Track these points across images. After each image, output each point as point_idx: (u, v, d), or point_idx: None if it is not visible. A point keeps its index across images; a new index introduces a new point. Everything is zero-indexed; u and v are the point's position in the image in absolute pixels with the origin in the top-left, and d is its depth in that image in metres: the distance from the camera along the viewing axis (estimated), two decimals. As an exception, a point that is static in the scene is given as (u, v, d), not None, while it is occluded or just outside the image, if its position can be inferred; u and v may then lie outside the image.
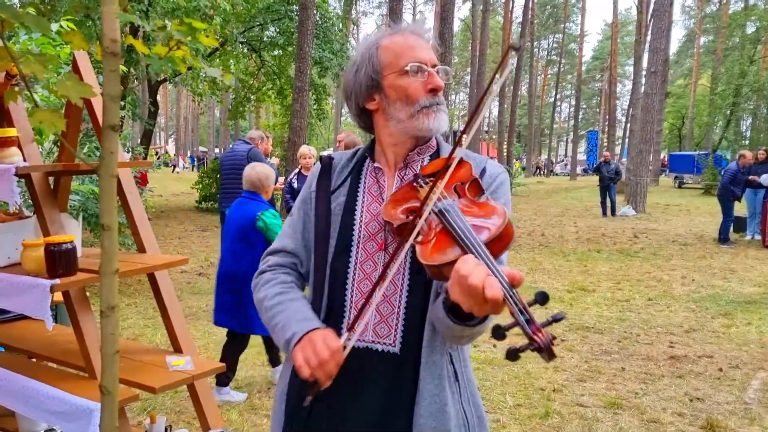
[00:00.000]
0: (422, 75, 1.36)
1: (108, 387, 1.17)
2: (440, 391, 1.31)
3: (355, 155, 1.50)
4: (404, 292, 1.33)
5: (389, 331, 1.33)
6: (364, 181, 1.44)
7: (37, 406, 1.99)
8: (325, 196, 1.44)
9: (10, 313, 2.87)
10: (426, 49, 1.39)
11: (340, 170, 1.48)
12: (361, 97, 1.42)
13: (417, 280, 1.33)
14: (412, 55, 1.36)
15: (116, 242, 1.17)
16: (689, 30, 50.73)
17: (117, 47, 1.14)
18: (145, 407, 3.91)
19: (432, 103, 1.36)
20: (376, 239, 1.36)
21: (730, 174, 11.37)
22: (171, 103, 63.39)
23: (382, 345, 1.33)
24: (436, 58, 1.40)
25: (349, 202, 1.42)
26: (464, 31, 49.38)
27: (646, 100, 17.38)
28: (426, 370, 1.31)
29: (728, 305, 6.91)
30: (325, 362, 1.21)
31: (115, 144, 1.17)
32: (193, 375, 2.16)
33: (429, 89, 1.35)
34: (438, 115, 1.36)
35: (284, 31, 16.63)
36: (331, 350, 1.22)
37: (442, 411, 1.31)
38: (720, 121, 38.44)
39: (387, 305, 1.33)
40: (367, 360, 1.33)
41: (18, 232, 2.24)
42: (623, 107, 53.86)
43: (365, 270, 1.36)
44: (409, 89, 1.35)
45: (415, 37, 1.40)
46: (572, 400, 4.21)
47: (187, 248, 10.59)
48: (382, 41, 1.41)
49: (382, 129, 1.43)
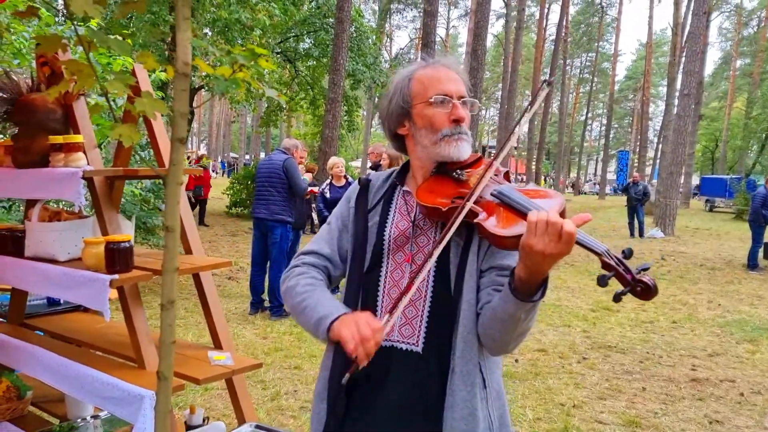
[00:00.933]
0: (446, 106, 1.51)
1: (164, 373, 1.31)
2: (471, 397, 1.44)
3: (389, 177, 1.66)
4: (428, 298, 1.49)
5: (413, 332, 1.48)
6: (396, 202, 1.60)
7: (91, 392, 2.15)
8: (363, 214, 1.61)
9: (61, 305, 3.07)
10: (454, 81, 1.53)
11: (375, 191, 1.65)
12: (393, 123, 1.60)
13: (440, 289, 1.49)
14: (439, 87, 1.51)
15: (178, 243, 1.33)
16: (725, 52, 50.10)
17: (188, 69, 1.30)
18: (177, 402, 4.08)
19: (454, 132, 1.51)
20: (404, 251, 1.53)
21: (761, 198, 11.26)
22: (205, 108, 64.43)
23: (406, 344, 1.48)
24: (464, 90, 1.54)
25: (381, 220, 1.58)
26: (497, 47, 49.44)
27: (678, 122, 17.28)
28: (459, 379, 1.44)
29: (754, 331, 6.88)
30: (367, 339, 1.32)
31: (181, 155, 1.33)
32: (233, 369, 2.30)
33: (452, 120, 1.51)
34: (459, 143, 1.51)
35: (319, 43, 16.96)
36: (373, 329, 1.33)
37: (473, 415, 1.44)
38: (755, 146, 37.83)
39: (412, 309, 1.49)
40: (393, 357, 1.48)
41: (78, 230, 2.42)
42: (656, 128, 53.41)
43: (394, 278, 1.53)
44: (434, 118, 1.51)
45: (445, 70, 1.55)
46: (591, 417, 4.28)
47: (217, 252, 10.83)
48: (415, 73, 1.57)
49: (412, 152, 1.60)
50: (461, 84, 1.54)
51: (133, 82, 1.75)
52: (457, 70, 1.57)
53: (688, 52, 17.13)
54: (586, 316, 7.37)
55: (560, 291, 8.87)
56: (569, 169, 63.27)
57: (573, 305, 7.96)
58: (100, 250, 2.14)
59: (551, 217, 1.20)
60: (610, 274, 1.21)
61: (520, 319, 1.33)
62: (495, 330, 1.39)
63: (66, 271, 2.21)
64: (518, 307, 1.30)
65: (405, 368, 1.47)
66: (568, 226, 1.19)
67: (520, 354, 5.67)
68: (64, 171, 2.21)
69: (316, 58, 17.77)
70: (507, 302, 1.32)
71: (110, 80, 1.51)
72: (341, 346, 1.39)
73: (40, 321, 2.84)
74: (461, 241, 1.48)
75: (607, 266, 1.22)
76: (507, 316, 1.33)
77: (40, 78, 2.50)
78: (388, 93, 1.62)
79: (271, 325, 6.23)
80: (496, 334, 1.40)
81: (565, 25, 38.39)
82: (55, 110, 2.40)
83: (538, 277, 1.27)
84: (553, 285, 9.29)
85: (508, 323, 1.35)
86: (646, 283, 1.18)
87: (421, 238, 1.52)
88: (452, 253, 1.48)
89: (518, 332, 1.38)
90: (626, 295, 1.20)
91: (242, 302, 6.91)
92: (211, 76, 1.67)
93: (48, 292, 2.34)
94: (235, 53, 1.68)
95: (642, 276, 1.19)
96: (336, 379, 1.52)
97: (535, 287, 1.29)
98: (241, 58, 1.67)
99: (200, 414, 2.58)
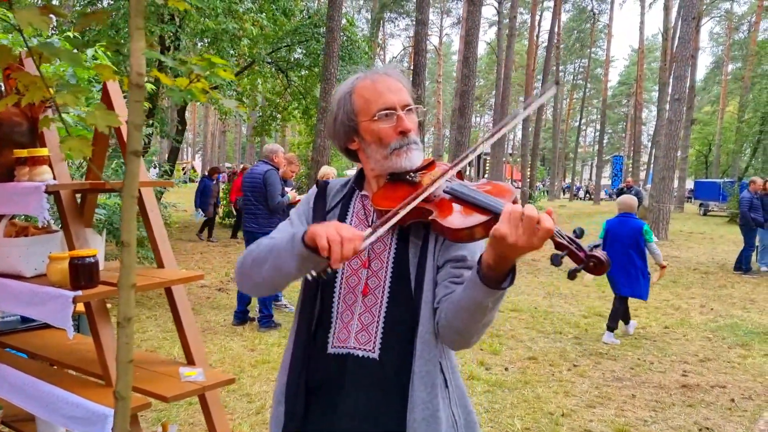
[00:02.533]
0: (392, 119, 1.49)
1: (121, 393, 1.27)
2: (432, 398, 1.43)
3: (347, 184, 1.66)
4: (384, 303, 1.47)
5: (369, 338, 1.46)
6: (353, 206, 1.60)
7: (56, 411, 2.10)
8: (321, 216, 1.60)
9: (34, 322, 3.01)
10: (396, 91, 1.51)
11: (334, 194, 1.64)
12: (342, 140, 1.59)
13: (398, 291, 1.47)
14: (380, 101, 1.49)
15: (134, 258, 1.28)
16: (717, 57, 50.35)
17: (142, 80, 1.26)
18: (159, 417, 4.02)
19: (403, 144, 1.49)
20: (360, 257, 1.50)
21: (747, 202, 11.28)
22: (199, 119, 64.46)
23: (362, 351, 1.46)
24: (406, 98, 1.51)
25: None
26: (490, 54, 49.60)
27: (670, 127, 17.29)
28: (419, 380, 1.43)
29: (746, 336, 6.85)
30: (347, 240, 1.26)
31: (137, 167, 1.29)
32: (204, 386, 2.25)
33: (398, 132, 1.49)
34: (409, 153, 1.50)
35: (311, 53, 16.95)
36: (354, 234, 1.29)
37: (434, 416, 1.43)
38: (747, 149, 37.93)
39: (368, 315, 1.47)
40: (349, 365, 1.46)
41: (46, 245, 2.37)
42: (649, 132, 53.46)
43: (350, 284, 1.51)
44: (381, 134, 1.49)
45: (384, 79, 1.52)
46: (580, 426, 4.23)
47: (208, 263, 10.77)
48: (355, 88, 1.54)
49: (365, 164, 1.59)
50: (403, 92, 1.52)
51: (87, 94, 1.72)
52: (398, 77, 1.55)
53: (679, 57, 17.17)
54: (578, 322, 7.33)
55: (553, 298, 8.83)
56: (564, 175, 63.37)
57: (565, 312, 7.91)
58: (65, 266, 2.09)
59: (531, 212, 1.20)
60: (563, 253, 1.23)
61: (487, 307, 1.31)
62: (459, 320, 1.36)
63: (31, 288, 2.16)
64: (486, 295, 1.28)
65: (363, 375, 1.45)
66: (548, 222, 1.19)
67: (510, 362, 5.62)
68: (27, 185, 2.17)
69: (308, 68, 17.75)
70: (474, 290, 1.30)
71: (61, 93, 1.48)
72: (304, 325, 1.46)
73: (12, 338, 2.79)
74: (419, 242, 1.49)
75: (560, 246, 1.23)
76: (474, 304, 1.31)
77: (7, 90, 2.46)
78: (331, 110, 1.60)
79: (260, 336, 6.17)
80: (460, 325, 1.37)
81: (557, 32, 38.53)
82: (20, 123, 2.36)
83: (506, 265, 1.27)
84: (546, 291, 9.26)
85: (475, 312, 1.32)
86: (598, 257, 1.20)
87: (378, 244, 1.51)
88: (411, 254, 1.48)
89: (483, 323, 1.36)
90: (580, 272, 1.21)
91: (232, 314, 6.85)
92: (167, 86, 1.64)
93: (13, 309, 2.28)
94: (191, 63, 1.65)
95: (594, 251, 1.21)
96: (294, 376, 1.51)
97: (503, 275, 1.28)
98: (196, 68, 1.63)
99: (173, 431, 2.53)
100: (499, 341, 6.29)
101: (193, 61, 1.62)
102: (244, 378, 4.92)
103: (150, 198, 2.52)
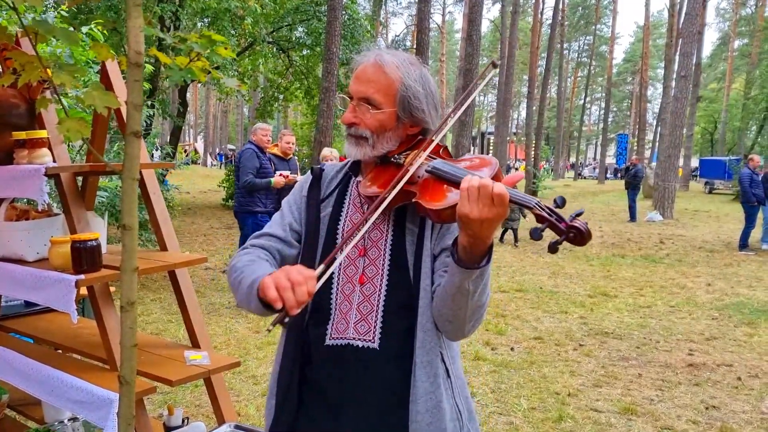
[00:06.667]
0: (349, 106, 1.48)
1: (126, 377, 1.24)
2: (435, 388, 1.40)
3: (343, 168, 1.61)
4: (383, 291, 1.43)
5: (369, 328, 1.42)
6: (350, 193, 1.55)
7: (61, 396, 2.09)
8: (315, 205, 1.55)
9: (38, 306, 3.00)
10: (361, 81, 1.46)
11: (329, 182, 1.59)
12: None
13: (397, 279, 1.43)
14: (350, 86, 1.48)
15: (136, 241, 1.25)
16: (723, 33, 49.75)
17: (141, 59, 1.22)
18: (165, 400, 4.03)
19: (349, 132, 1.49)
20: (357, 245, 1.46)
21: (747, 177, 11.33)
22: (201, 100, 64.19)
23: (362, 341, 1.42)
24: (366, 90, 1.45)
25: (335, 212, 1.53)
26: (494, 32, 49.12)
27: (676, 104, 17.15)
28: (421, 370, 1.39)
29: (752, 314, 6.82)
30: (297, 283, 1.19)
31: (137, 149, 1.25)
32: (209, 369, 2.24)
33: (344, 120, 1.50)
34: (348, 143, 1.49)
35: (312, 32, 16.75)
36: (305, 276, 1.21)
37: (437, 407, 1.40)
38: (753, 126, 37.63)
39: (366, 304, 1.43)
40: (349, 355, 1.42)
41: (47, 229, 2.35)
42: (654, 110, 53.14)
43: (348, 274, 1.46)
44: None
45: (367, 66, 1.47)
46: (587, 405, 4.22)
47: (212, 245, 10.77)
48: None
49: None
50: (367, 84, 1.45)
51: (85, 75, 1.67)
52: (375, 65, 1.46)
53: (685, 34, 16.97)
54: (584, 302, 7.31)
55: (558, 277, 8.81)
56: (569, 154, 63.04)
57: (570, 291, 7.90)
58: (67, 250, 2.07)
59: (481, 181, 1.17)
60: (544, 226, 1.19)
61: (469, 290, 1.27)
62: (447, 308, 1.34)
63: (33, 272, 2.14)
64: (464, 276, 1.25)
65: (363, 366, 1.41)
66: (498, 187, 1.16)
67: (516, 342, 5.61)
68: (26, 168, 2.13)
69: (310, 47, 17.54)
70: (453, 274, 1.27)
71: (58, 72, 1.43)
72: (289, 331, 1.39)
73: (16, 322, 2.77)
74: (416, 229, 1.45)
75: (541, 218, 1.19)
76: (455, 289, 1.28)
77: (3, 71, 2.41)
78: None
79: (265, 318, 6.15)
80: (449, 312, 1.34)
81: (561, 8, 38.02)
82: (18, 105, 2.32)
83: (481, 244, 1.23)
84: (551, 271, 9.24)
85: (458, 297, 1.29)
86: (578, 228, 1.15)
87: (375, 232, 1.47)
88: (408, 242, 1.44)
89: (471, 309, 1.31)
90: (561, 244, 1.17)
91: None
92: (166, 66, 1.60)
93: (15, 294, 2.26)
94: (190, 41, 1.60)
95: (574, 222, 1.16)
96: (286, 370, 1.47)
97: (480, 255, 1.25)
98: (196, 47, 1.59)
99: (179, 415, 2.52)
100: (504, 321, 6.28)
101: (192, 39, 1.58)
102: (249, 360, 4.92)
103: (151, 180, 2.48)
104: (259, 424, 3.82)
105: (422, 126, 1.50)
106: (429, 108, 1.48)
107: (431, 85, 1.49)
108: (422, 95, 1.46)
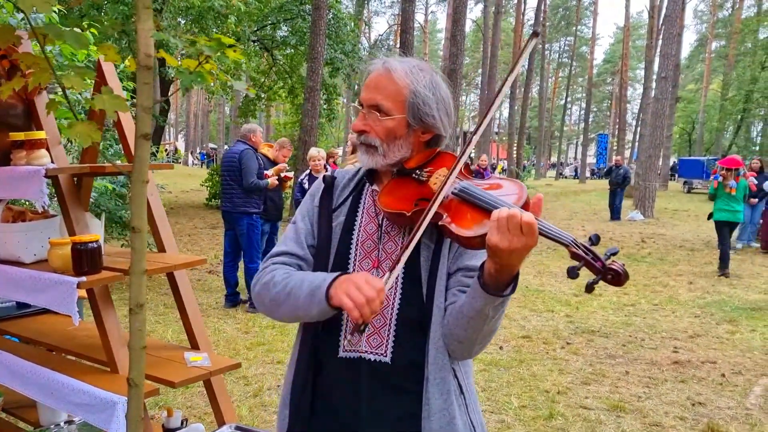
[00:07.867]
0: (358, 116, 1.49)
1: (135, 380, 1.24)
2: (448, 405, 1.39)
3: (356, 175, 1.58)
4: (396, 305, 1.41)
5: (381, 341, 1.41)
6: (364, 202, 1.53)
7: (61, 398, 2.07)
8: (327, 214, 1.53)
9: (31, 308, 2.97)
10: (369, 88, 1.46)
11: (341, 190, 1.57)
12: None
13: (410, 293, 1.41)
14: (361, 94, 1.48)
15: (145, 244, 1.25)
16: (701, 35, 50.45)
17: (151, 62, 1.22)
18: (157, 402, 4.00)
19: (360, 140, 1.48)
20: (371, 257, 1.45)
21: None
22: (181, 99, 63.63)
23: (374, 355, 1.41)
24: (375, 97, 1.45)
25: (348, 221, 1.51)
26: (476, 32, 49.27)
27: (656, 105, 17.37)
28: (434, 387, 1.38)
29: (733, 311, 6.95)
30: (372, 300, 1.24)
31: (146, 151, 1.25)
32: (210, 371, 2.23)
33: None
34: (360, 151, 1.49)
35: (296, 31, 16.71)
36: (376, 288, 1.26)
37: (451, 424, 1.39)
38: (730, 127, 38.25)
39: (380, 317, 1.41)
40: (362, 369, 1.41)
41: (44, 231, 2.33)
42: (634, 111, 53.71)
43: None
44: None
45: (379, 74, 1.47)
46: (576, 403, 4.28)
47: (196, 245, 10.70)
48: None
49: None
50: (376, 91, 1.45)
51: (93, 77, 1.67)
52: (383, 73, 1.46)
53: (665, 35, 17.20)
54: (569, 300, 7.39)
55: (543, 276, 8.89)
56: (550, 154, 63.55)
57: (556, 290, 7.98)
58: (67, 251, 2.05)
59: (510, 212, 1.17)
60: (580, 264, 1.19)
61: (488, 316, 1.28)
62: (461, 329, 1.34)
63: (32, 274, 2.12)
64: (487, 302, 1.26)
65: (375, 379, 1.40)
66: (527, 217, 1.16)
67: (504, 341, 5.66)
68: (25, 169, 2.12)
69: (294, 46, 17.49)
70: (475, 298, 1.27)
71: (68, 75, 1.42)
72: (306, 345, 1.41)
73: (10, 324, 2.74)
74: (432, 245, 1.42)
75: (576, 256, 1.19)
76: (474, 312, 1.29)
77: (0, 72, 2.39)
78: None
79: (253, 319, 6.15)
80: (461, 333, 1.34)
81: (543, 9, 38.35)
82: (15, 105, 2.30)
83: (509, 273, 1.24)
84: (536, 270, 9.32)
85: (476, 321, 1.30)
86: (616, 270, 1.15)
87: (389, 244, 1.46)
88: (423, 257, 1.42)
89: (484, 332, 1.33)
90: (598, 283, 1.17)
91: (223, 297, 6.82)
92: (176, 69, 1.59)
93: (14, 296, 2.24)
94: (200, 44, 1.59)
95: (611, 264, 1.16)
96: (299, 381, 1.48)
97: (504, 283, 1.25)
98: (206, 49, 1.58)
99: (178, 417, 2.52)
100: (492, 320, 6.32)
101: (201, 42, 1.57)
102: (239, 361, 4.90)
103: (150, 181, 2.47)
104: (252, 425, 3.82)
105: (434, 132, 1.48)
106: (440, 114, 1.46)
107: (442, 90, 1.47)
108: (432, 101, 1.44)
